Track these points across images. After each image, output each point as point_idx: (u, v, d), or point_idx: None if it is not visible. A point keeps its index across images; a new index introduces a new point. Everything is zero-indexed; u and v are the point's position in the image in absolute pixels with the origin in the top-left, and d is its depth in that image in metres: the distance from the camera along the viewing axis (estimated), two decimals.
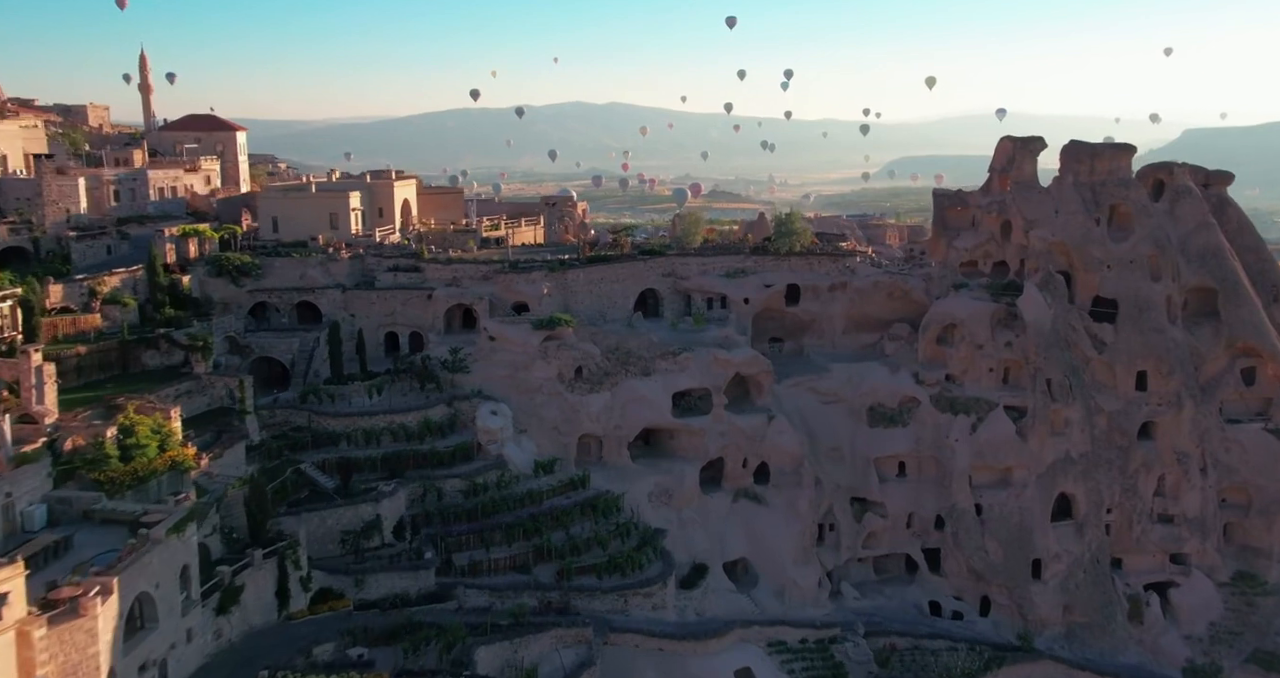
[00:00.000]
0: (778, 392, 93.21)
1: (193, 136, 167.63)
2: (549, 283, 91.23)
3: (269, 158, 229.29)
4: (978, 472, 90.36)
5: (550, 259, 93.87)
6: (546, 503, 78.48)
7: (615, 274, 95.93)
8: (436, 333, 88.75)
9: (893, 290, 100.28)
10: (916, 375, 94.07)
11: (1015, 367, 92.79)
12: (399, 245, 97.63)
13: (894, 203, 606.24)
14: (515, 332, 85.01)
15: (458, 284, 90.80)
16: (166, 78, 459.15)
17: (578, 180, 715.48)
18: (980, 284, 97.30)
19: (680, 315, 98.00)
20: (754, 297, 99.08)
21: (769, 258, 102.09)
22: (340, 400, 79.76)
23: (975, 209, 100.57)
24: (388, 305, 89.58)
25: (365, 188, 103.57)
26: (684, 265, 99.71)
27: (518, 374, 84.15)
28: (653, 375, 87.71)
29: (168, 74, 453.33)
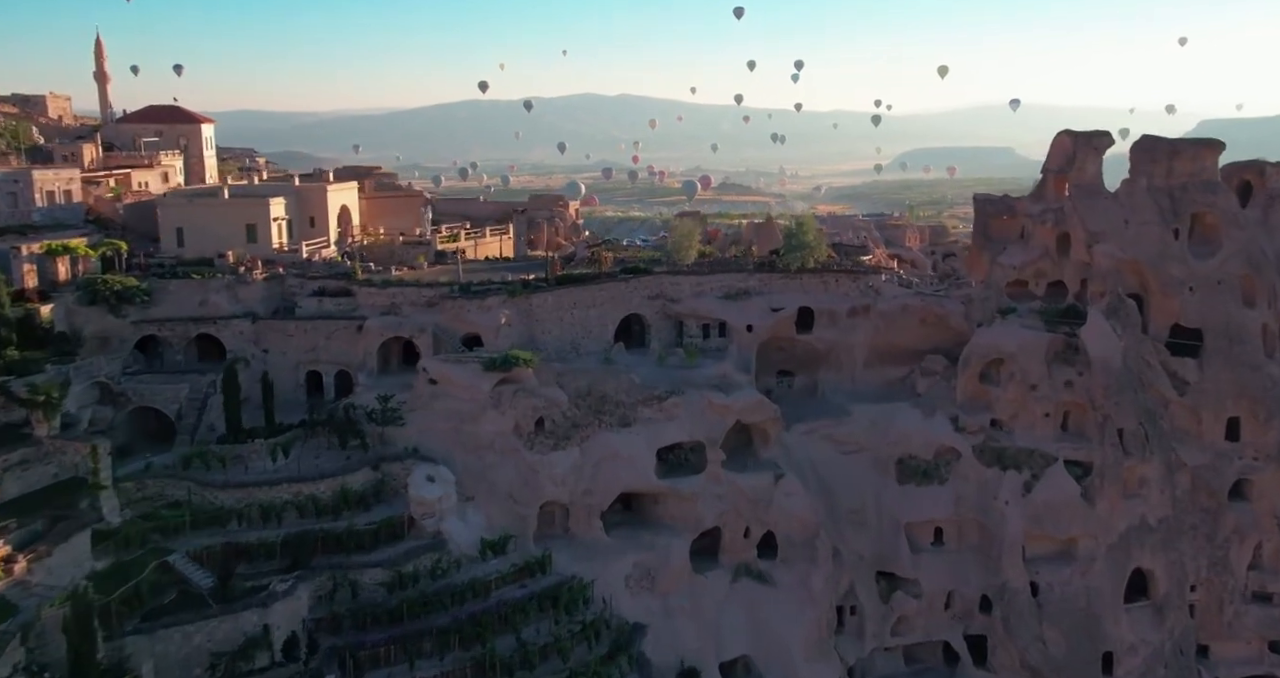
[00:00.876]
0: (787, 441, 75.24)
1: (153, 129, 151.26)
2: (508, 310, 73.31)
3: (248, 151, 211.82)
4: (1033, 542, 72.39)
5: (511, 281, 75.86)
6: (495, 596, 60.51)
7: (591, 297, 77.88)
8: (368, 373, 70.90)
9: (925, 315, 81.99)
10: (955, 420, 76.00)
11: (1078, 412, 74.66)
12: (330, 263, 79.71)
13: (906, 195, 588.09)
14: (462, 373, 67.09)
15: (396, 312, 72.87)
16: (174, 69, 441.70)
17: (587, 172, 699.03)
18: (1032, 309, 79.00)
19: (670, 347, 79.95)
20: (759, 323, 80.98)
21: (777, 275, 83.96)
22: (235, 465, 62.02)
23: (1025, 218, 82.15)
24: (309, 339, 71.70)
25: (293, 193, 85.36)
26: (675, 286, 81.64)
27: (464, 427, 66.29)
28: (633, 426, 69.69)
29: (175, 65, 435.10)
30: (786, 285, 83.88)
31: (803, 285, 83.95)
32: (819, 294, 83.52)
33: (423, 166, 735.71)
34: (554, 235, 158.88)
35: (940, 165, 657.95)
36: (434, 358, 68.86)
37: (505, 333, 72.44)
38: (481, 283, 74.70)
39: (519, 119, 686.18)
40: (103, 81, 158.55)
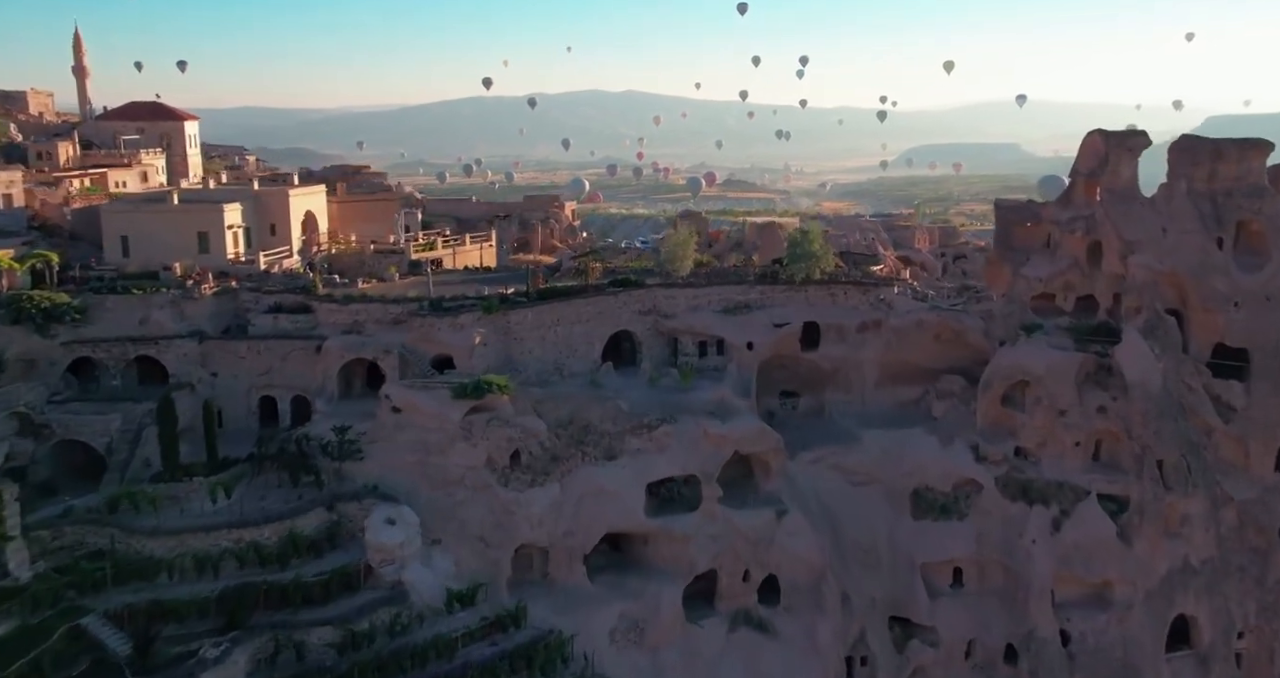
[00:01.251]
0: (791, 471, 67.69)
1: (135, 127, 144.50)
2: (484, 328, 65.78)
3: (237, 149, 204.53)
4: (1063, 585, 64.82)
5: (488, 295, 68.28)
6: (461, 655, 52.98)
7: (576, 313, 70.33)
8: (328, 399, 63.42)
9: (941, 331, 74.34)
10: (976, 449, 68.41)
11: (1112, 441, 67.05)
12: (291, 275, 72.21)
13: (912, 192, 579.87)
14: (429, 401, 59.60)
15: (359, 330, 65.35)
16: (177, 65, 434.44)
17: (592, 169, 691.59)
18: (1060, 326, 71.33)
19: (662, 366, 72.41)
20: (760, 340, 73.39)
21: (779, 288, 76.36)
22: (169, 507, 54.59)
23: (1052, 226, 74.37)
24: (263, 361, 64.26)
25: (251, 198, 77.73)
26: (669, 300, 74.07)
27: (431, 461, 58.87)
28: (620, 459, 62.17)
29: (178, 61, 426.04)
30: (790, 298, 76.35)
31: (808, 298, 76.42)
32: (825, 308, 76.00)
33: (427, 163, 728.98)
34: (549, 238, 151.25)
35: (946, 162, 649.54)
36: (398, 383, 61.39)
37: (480, 354, 64.98)
38: (454, 298, 67.17)
39: (524, 115, 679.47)
40: (81, 76, 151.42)
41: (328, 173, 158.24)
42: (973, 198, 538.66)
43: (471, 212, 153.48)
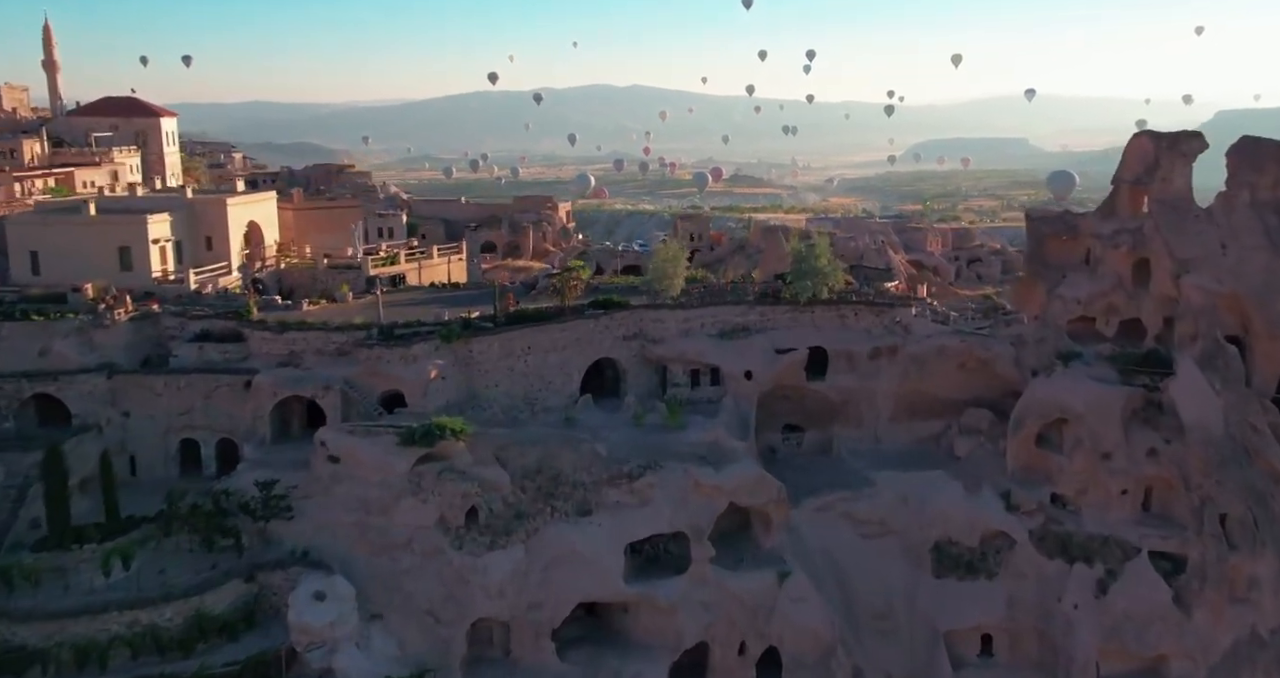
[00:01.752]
0: (795, 522, 58.20)
1: (108, 123, 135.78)
2: (442, 359, 56.50)
3: (223, 146, 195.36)
4: (1110, 658, 55.20)
5: (448, 321, 58.86)
6: None
7: (551, 340, 60.94)
8: (259, 443, 54.19)
9: (966, 359, 64.78)
10: (1007, 496, 58.86)
11: (1165, 489, 57.47)
12: (228, 295, 62.77)
13: (920, 187, 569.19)
14: (371, 448, 50.34)
15: (297, 363, 56.04)
16: (182, 60, 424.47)
17: (598, 164, 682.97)
18: (1102, 355, 61.60)
19: (649, 398, 63.07)
20: (760, 368, 63.95)
21: (782, 308, 66.92)
22: (51, 583, 45.55)
23: (1092, 240, 64.57)
24: (184, 398, 55.00)
25: (183, 208, 68.16)
26: (657, 323, 64.66)
27: (372, 521, 49.70)
28: (595, 514, 52.83)
29: (184, 56, 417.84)
30: (795, 320, 66.92)
31: (814, 320, 66.99)
32: (834, 331, 66.56)
33: (433, 158, 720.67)
34: (540, 241, 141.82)
35: (954, 156, 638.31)
36: (337, 428, 52.11)
37: (437, 389, 55.72)
38: (408, 324, 57.78)
39: (530, 110, 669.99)
40: (52, 71, 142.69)
41: (309, 172, 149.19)
42: (981, 193, 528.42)
43: (460, 213, 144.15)
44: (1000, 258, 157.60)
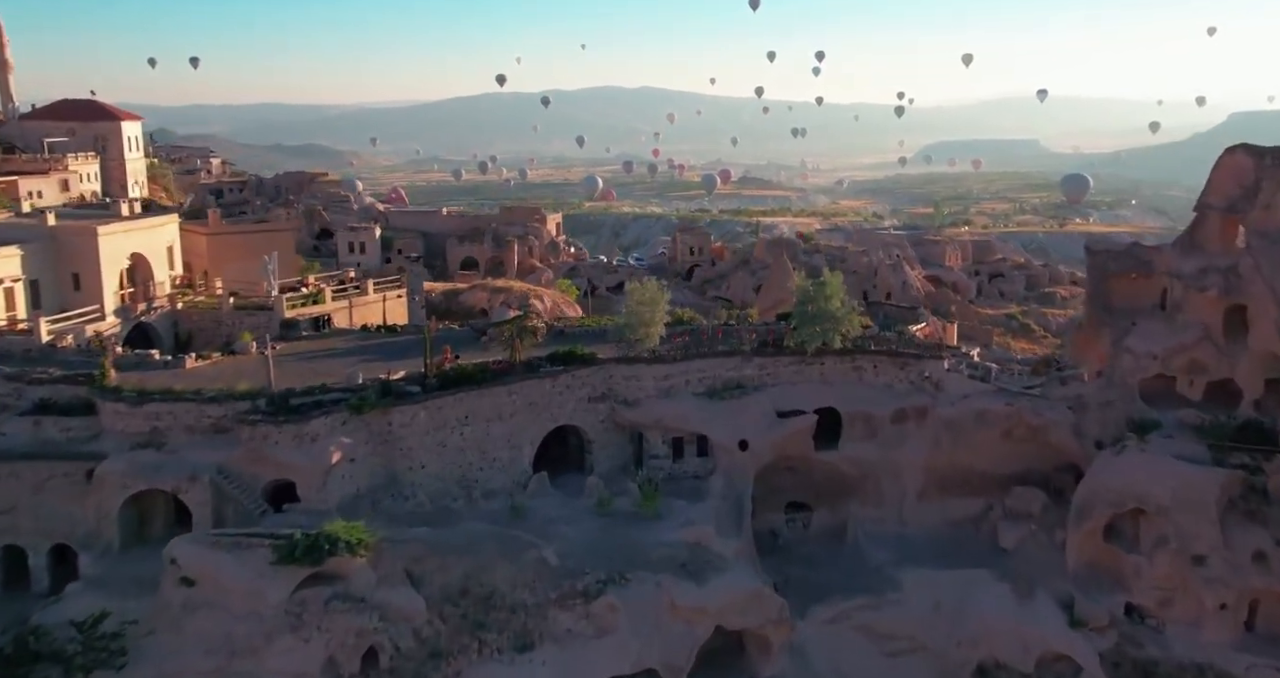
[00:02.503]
0: (801, 637, 45.26)
1: (65, 127, 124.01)
2: (351, 437, 43.57)
3: (201, 151, 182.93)
4: None
5: (362, 385, 45.77)
6: None
7: (496, 406, 47.95)
8: (103, 552, 41.17)
9: (1012, 425, 51.52)
10: (1070, 608, 45.77)
11: (1275, 604, 44.42)
12: (89, 350, 49.56)
13: (931, 189, 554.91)
14: (238, 569, 37.40)
15: (160, 443, 43.08)
16: (190, 62, 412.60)
17: (607, 165, 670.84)
18: (1186, 424, 48.34)
19: (619, 475, 50.16)
20: (759, 437, 50.92)
21: (786, 359, 53.85)
22: None
23: (1170, 279, 51.19)
24: (7, 492, 42.02)
25: (43, 238, 54.68)
26: (631, 381, 51.69)
27: (236, 666, 36.81)
28: (538, 649, 39.68)
29: (191, 58, 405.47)
30: (800, 374, 53.86)
31: (824, 374, 53.95)
32: (849, 388, 53.53)
33: (442, 159, 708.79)
34: (527, 256, 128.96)
35: (964, 158, 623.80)
36: (195, 538, 39.17)
37: (341, 477, 42.79)
38: (309, 391, 44.66)
39: (539, 112, 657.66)
40: (4, 71, 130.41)
41: (280, 180, 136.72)
42: (993, 196, 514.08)
43: (441, 226, 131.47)
44: (1024, 273, 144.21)
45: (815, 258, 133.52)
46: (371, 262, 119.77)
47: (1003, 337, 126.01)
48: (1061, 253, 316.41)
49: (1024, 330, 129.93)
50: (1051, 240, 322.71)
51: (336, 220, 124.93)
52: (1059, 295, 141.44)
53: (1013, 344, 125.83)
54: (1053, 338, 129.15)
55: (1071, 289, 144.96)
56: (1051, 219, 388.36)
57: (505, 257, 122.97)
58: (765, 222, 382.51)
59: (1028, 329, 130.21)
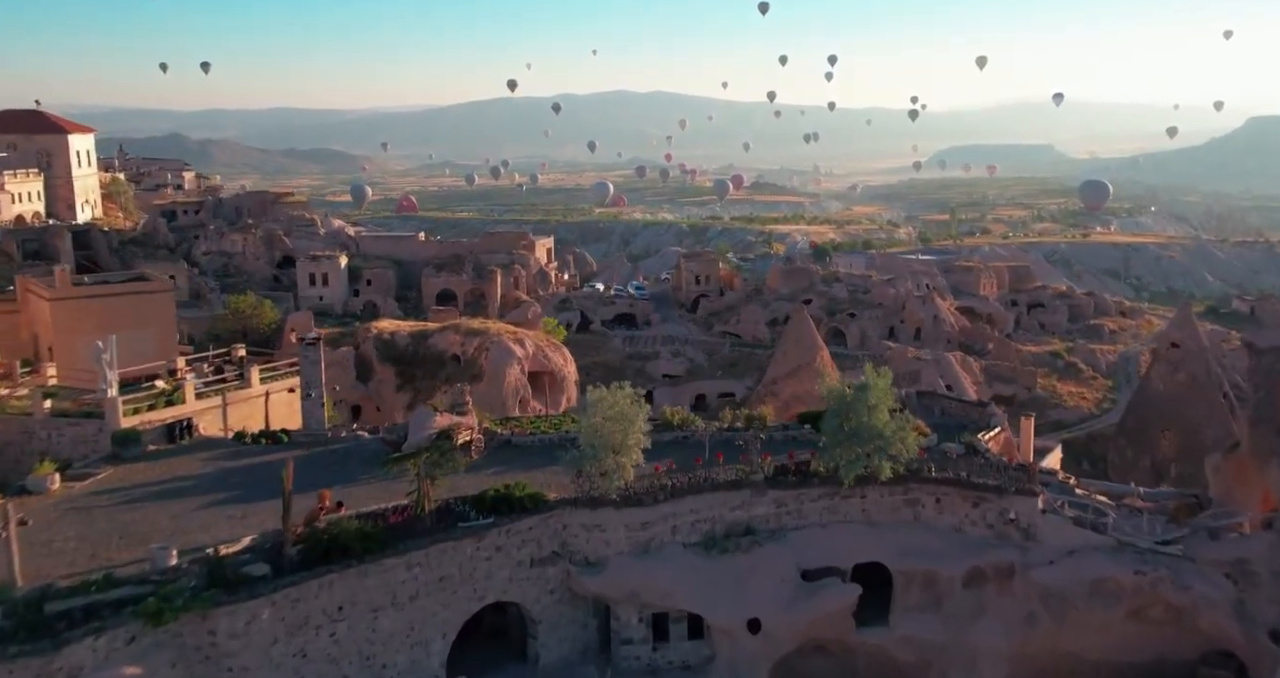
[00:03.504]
0: None
1: (5, 141, 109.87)
2: (139, 667, 27.34)
3: (177, 165, 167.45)
4: None
5: (169, 580, 29.39)
6: None
7: (386, 588, 31.63)
8: None
9: (1144, 603, 35.20)
10: None
11: None
12: None
13: (945, 194, 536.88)
14: None
15: None
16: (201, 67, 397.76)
17: (619, 170, 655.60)
18: None
19: (575, 671, 34.03)
20: (775, 616, 34.70)
21: (814, 492, 37.63)
22: None
23: None
24: None
25: None
26: (593, 532, 35.34)
27: None
28: None
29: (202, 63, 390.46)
30: (833, 512, 37.61)
31: (867, 511, 37.67)
32: (902, 533, 37.28)
33: (454, 164, 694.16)
34: (511, 288, 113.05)
35: (978, 163, 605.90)
36: None
37: None
38: (79, 588, 28.16)
39: (551, 117, 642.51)
40: None
41: (240, 201, 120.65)
42: (1009, 202, 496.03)
43: (418, 252, 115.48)
44: (1066, 302, 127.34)
45: (835, 287, 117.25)
46: (335, 295, 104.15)
47: (1048, 378, 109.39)
48: (1085, 263, 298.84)
49: (1071, 371, 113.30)
50: (1075, 251, 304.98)
51: (300, 247, 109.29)
52: (1106, 328, 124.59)
53: (1059, 387, 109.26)
54: (1103, 379, 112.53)
55: (1120, 321, 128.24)
56: (1072, 227, 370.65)
57: (487, 289, 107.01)
58: (777, 230, 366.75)
59: (1075, 370, 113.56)
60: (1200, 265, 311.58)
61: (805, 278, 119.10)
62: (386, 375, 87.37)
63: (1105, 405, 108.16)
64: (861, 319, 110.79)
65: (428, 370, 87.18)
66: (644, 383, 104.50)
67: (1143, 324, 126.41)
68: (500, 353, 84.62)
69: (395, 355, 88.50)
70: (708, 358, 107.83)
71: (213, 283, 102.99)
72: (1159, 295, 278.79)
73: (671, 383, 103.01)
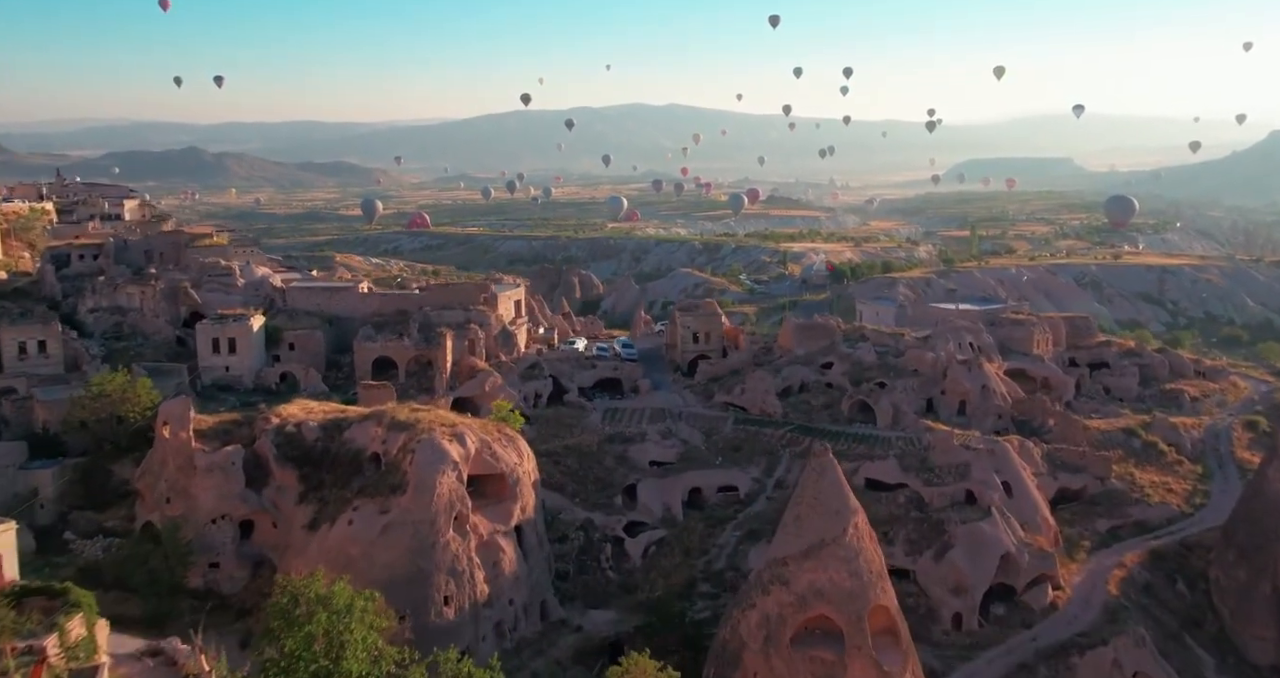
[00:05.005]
0: None
1: None
2: None
3: (120, 191, 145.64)
4: None
5: None
6: None
7: None
8: None
9: None
10: None
11: None
12: None
13: (964, 209, 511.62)
14: None
15: None
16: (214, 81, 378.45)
17: (635, 183, 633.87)
18: None
19: None
20: None
21: None
22: None
23: None
24: None
25: None
26: None
27: None
28: None
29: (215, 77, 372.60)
30: None
31: None
32: None
33: (470, 177, 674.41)
34: (465, 354, 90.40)
35: (996, 176, 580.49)
36: None
37: None
38: None
39: (563, 133, 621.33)
40: None
41: (148, 243, 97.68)
42: (1029, 217, 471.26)
43: (355, 307, 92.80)
44: (1135, 361, 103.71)
45: (860, 348, 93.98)
46: (246, 365, 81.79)
47: (1124, 464, 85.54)
48: (1117, 286, 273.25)
49: (1151, 453, 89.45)
50: (1106, 273, 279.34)
51: (212, 302, 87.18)
52: (1186, 395, 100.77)
53: (1138, 476, 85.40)
54: (1189, 463, 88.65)
55: (1201, 385, 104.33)
56: (1098, 245, 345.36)
57: (434, 355, 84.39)
58: (793, 249, 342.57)
59: (1155, 451, 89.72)
60: (1239, 288, 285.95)
61: (825, 336, 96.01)
62: (287, 481, 64.97)
63: (1197, 499, 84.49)
64: (893, 390, 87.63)
65: (339, 476, 64.66)
66: (626, 472, 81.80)
67: (1227, 387, 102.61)
68: (430, 456, 62.11)
69: (300, 454, 66.06)
70: (705, 438, 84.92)
71: (97, 349, 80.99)
72: (1197, 321, 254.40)
73: (660, 473, 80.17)
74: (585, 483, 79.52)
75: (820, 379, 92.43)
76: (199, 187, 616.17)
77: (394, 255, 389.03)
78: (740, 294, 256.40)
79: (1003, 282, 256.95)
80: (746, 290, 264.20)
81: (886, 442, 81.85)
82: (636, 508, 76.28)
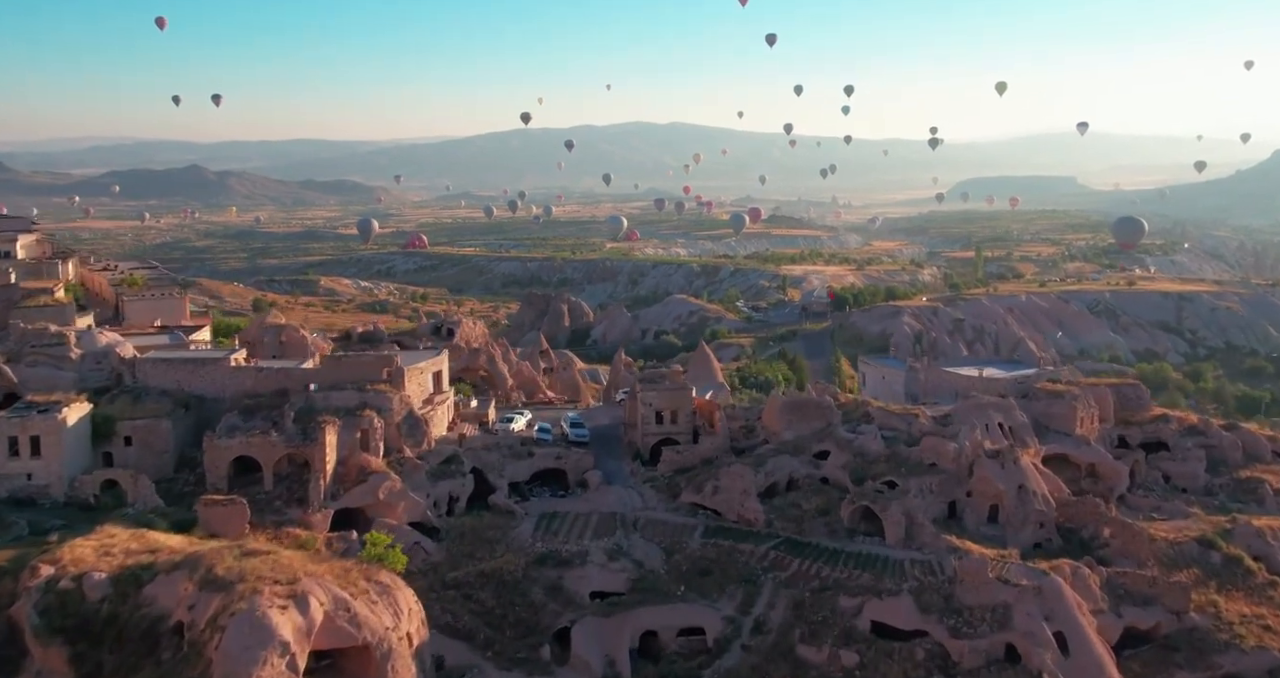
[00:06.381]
0: None
1: None
2: None
3: (20, 224, 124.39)
4: None
5: None
6: None
7: None
8: None
9: None
10: None
11: None
12: None
13: (967, 229, 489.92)
14: None
15: None
16: (212, 99, 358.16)
17: (636, 201, 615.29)
18: None
19: None
20: None
21: None
22: None
23: None
24: None
25: None
26: None
27: None
28: None
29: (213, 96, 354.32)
30: None
31: None
32: None
33: (472, 195, 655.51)
34: (354, 451, 68.85)
35: (999, 194, 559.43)
36: None
37: None
38: None
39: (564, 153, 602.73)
40: None
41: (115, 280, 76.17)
42: (1034, 237, 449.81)
43: (225, 385, 71.14)
44: (1202, 441, 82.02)
45: (863, 434, 72.28)
46: (56, 471, 60.16)
47: (1203, 589, 63.46)
48: (1133, 314, 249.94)
49: (1235, 572, 66.97)
50: (1120, 300, 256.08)
51: (35, 378, 65.88)
52: (1268, 486, 78.56)
53: (1223, 607, 63.22)
54: None
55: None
56: (1108, 268, 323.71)
57: (314, 454, 62.43)
58: (793, 273, 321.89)
59: (1240, 569, 67.29)
60: (1260, 316, 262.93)
61: (819, 417, 74.19)
62: (52, 664, 43.46)
63: None
64: (906, 492, 65.69)
65: (126, 658, 42.97)
66: (559, 610, 60.10)
67: None
68: (244, 638, 40.09)
69: (76, 624, 44.11)
70: (666, 558, 62.95)
71: None
72: (1218, 352, 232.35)
73: (604, 609, 58.46)
74: (503, 628, 57.35)
75: (814, 473, 70.71)
76: (201, 205, 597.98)
77: (386, 278, 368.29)
78: (737, 322, 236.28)
79: (1012, 310, 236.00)
80: (744, 318, 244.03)
81: (898, 568, 60.09)
82: (569, 661, 54.98)
